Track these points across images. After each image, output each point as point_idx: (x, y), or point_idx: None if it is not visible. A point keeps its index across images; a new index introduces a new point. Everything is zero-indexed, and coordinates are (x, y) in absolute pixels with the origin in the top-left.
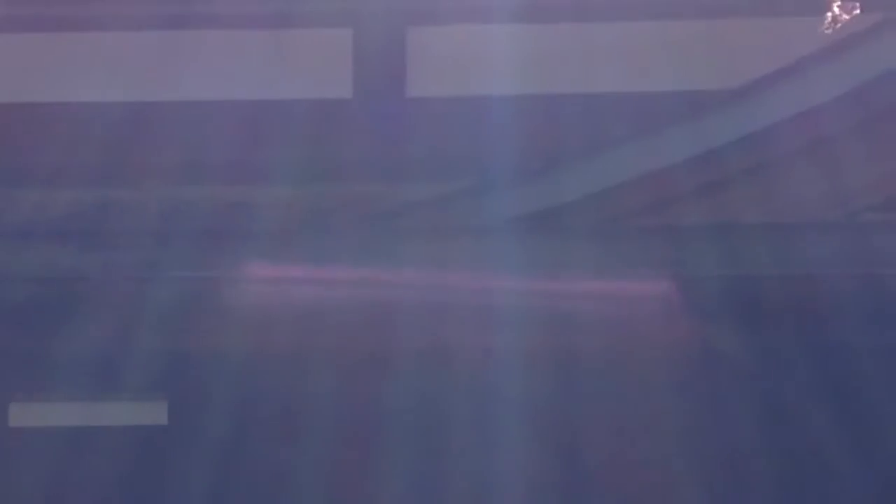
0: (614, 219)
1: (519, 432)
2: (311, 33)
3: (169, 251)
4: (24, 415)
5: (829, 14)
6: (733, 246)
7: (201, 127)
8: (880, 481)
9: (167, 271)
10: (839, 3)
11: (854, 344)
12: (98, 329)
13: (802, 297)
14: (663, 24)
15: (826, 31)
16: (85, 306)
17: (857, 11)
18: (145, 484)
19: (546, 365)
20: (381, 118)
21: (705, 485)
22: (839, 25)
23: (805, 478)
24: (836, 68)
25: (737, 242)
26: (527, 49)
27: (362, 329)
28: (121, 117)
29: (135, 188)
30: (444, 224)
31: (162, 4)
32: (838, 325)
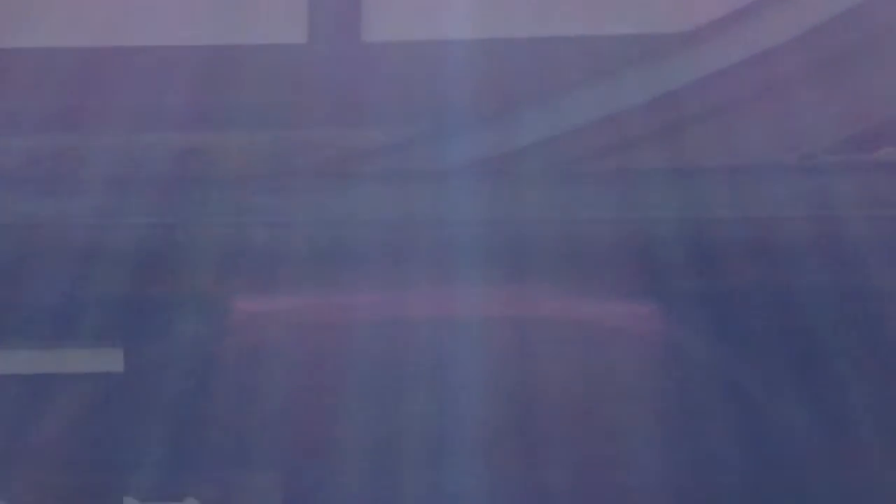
0: (572, 162)
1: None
2: None
3: (125, 198)
4: None
5: None
6: (690, 188)
7: (155, 73)
8: (839, 422)
9: (123, 218)
10: None
11: (811, 285)
12: (53, 276)
13: (759, 238)
14: None
15: None
16: (39, 253)
17: None
18: (100, 432)
19: (501, 309)
20: (337, 63)
21: (656, 430)
22: None
23: (762, 422)
24: (790, 10)
25: (693, 185)
26: None
27: (322, 273)
28: (74, 63)
29: (89, 135)
30: (400, 169)
31: None
32: (795, 267)
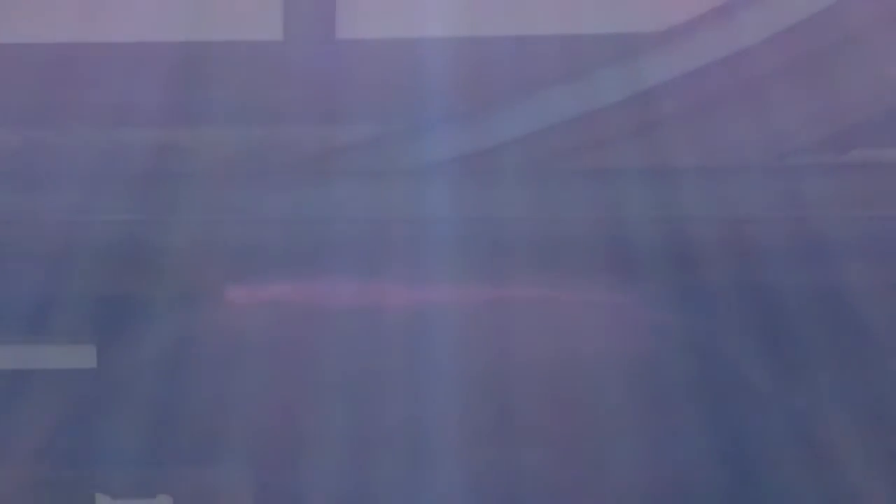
0: (546, 160)
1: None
2: None
3: (98, 194)
4: None
5: None
6: (664, 188)
7: (129, 69)
8: (812, 418)
9: (97, 214)
10: None
11: (786, 285)
12: (26, 273)
13: (734, 239)
14: None
15: None
16: (11, 249)
17: None
18: (73, 428)
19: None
20: (312, 60)
21: (635, 425)
22: None
23: (739, 419)
24: (765, 10)
25: (667, 185)
26: None
27: (298, 270)
28: (47, 59)
29: (63, 131)
30: (375, 166)
31: None
32: (769, 266)
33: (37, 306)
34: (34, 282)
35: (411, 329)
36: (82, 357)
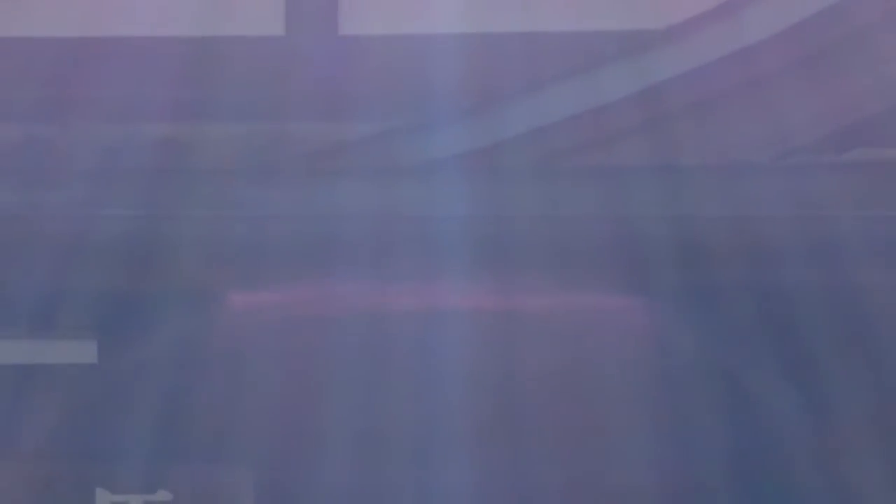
0: (552, 157)
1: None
2: None
3: (102, 189)
4: None
5: None
6: (668, 186)
7: (133, 64)
8: (813, 415)
9: (101, 209)
10: None
11: (791, 282)
12: (28, 268)
13: (736, 236)
14: None
15: None
16: (16, 245)
17: None
18: (74, 423)
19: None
20: (315, 56)
21: (640, 421)
22: None
23: (741, 419)
24: (768, 8)
25: (671, 182)
26: None
27: (302, 266)
28: (51, 54)
29: (67, 126)
30: (379, 163)
31: None
32: (775, 264)
33: (39, 302)
34: (36, 278)
35: (412, 324)
36: (83, 352)
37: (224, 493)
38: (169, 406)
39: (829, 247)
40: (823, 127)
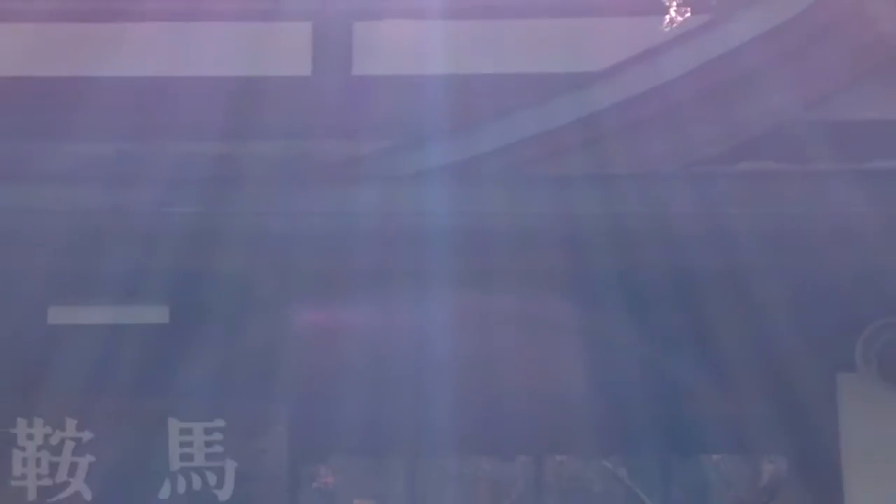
0: (515, 167)
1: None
2: (281, 25)
3: (173, 192)
4: (60, 315)
5: (668, 16)
6: (606, 189)
7: (200, 97)
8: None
9: (170, 207)
10: (675, 8)
11: (694, 263)
12: (119, 253)
13: (655, 228)
14: (555, 22)
15: (665, 29)
16: (108, 234)
17: (688, 14)
18: (152, 369)
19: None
20: (334, 91)
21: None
22: (675, 24)
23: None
24: (677, 54)
25: (607, 186)
26: (446, 39)
27: (325, 247)
28: (137, 89)
29: (148, 143)
30: (382, 172)
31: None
32: (683, 249)
33: (126, 278)
34: (124, 260)
35: (408, 294)
36: (159, 315)
37: (264, 422)
38: (222, 355)
39: (723, 235)
40: (720, 145)
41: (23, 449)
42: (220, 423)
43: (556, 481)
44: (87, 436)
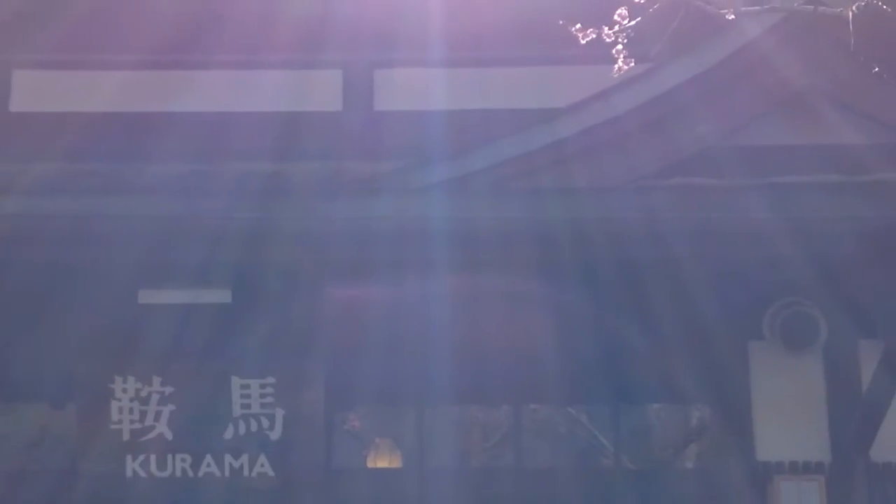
0: (501, 182)
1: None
2: (319, 73)
3: (234, 201)
4: (148, 296)
5: (617, 65)
6: (571, 199)
7: (255, 128)
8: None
9: (232, 213)
10: (622, 59)
11: (643, 258)
12: (194, 248)
13: (608, 230)
14: (530, 69)
15: (615, 74)
16: (183, 233)
17: (633, 63)
18: (218, 335)
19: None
20: (359, 123)
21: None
22: (622, 71)
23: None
24: (628, 92)
25: (571, 197)
26: (446, 83)
27: (354, 242)
28: (207, 122)
29: (216, 164)
30: (398, 185)
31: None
32: (630, 246)
33: (198, 267)
34: (196, 253)
35: (418, 285)
36: (223, 296)
37: (305, 379)
38: (272, 327)
39: (661, 233)
40: (658, 164)
41: (119, 400)
42: (271, 380)
43: (530, 425)
44: (168, 389)
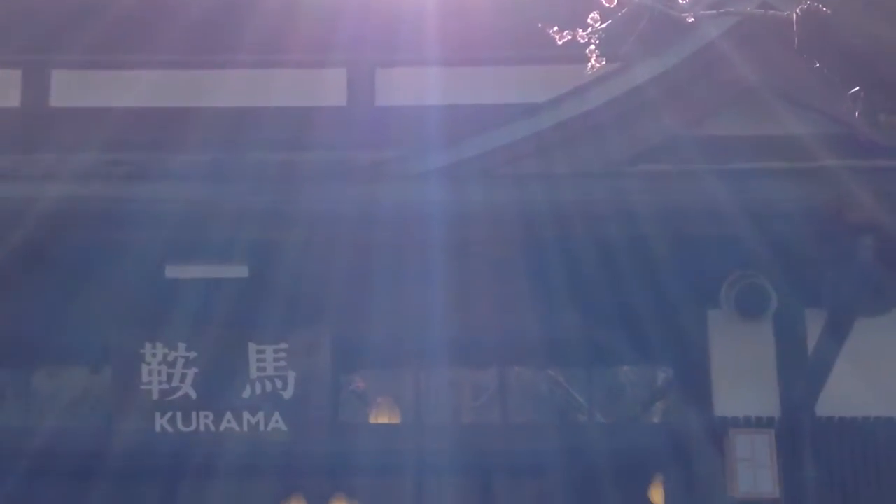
0: (489, 168)
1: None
2: (326, 71)
3: (251, 185)
4: (174, 271)
5: (590, 63)
6: (551, 184)
7: (269, 121)
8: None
9: (251, 197)
10: (594, 58)
11: (614, 236)
12: (215, 228)
13: (587, 210)
14: (515, 68)
15: (589, 72)
16: (209, 216)
17: (604, 62)
18: (238, 304)
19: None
20: (362, 117)
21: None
22: (595, 69)
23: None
24: (602, 88)
25: (552, 182)
26: (440, 80)
27: (359, 223)
28: (226, 116)
29: (234, 153)
30: (398, 172)
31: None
32: (603, 225)
33: (218, 245)
34: (218, 232)
35: (415, 261)
36: (240, 271)
37: (314, 345)
38: (284, 298)
39: (630, 213)
40: (628, 152)
41: (148, 364)
42: (284, 346)
43: (514, 385)
44: (192, 354)
